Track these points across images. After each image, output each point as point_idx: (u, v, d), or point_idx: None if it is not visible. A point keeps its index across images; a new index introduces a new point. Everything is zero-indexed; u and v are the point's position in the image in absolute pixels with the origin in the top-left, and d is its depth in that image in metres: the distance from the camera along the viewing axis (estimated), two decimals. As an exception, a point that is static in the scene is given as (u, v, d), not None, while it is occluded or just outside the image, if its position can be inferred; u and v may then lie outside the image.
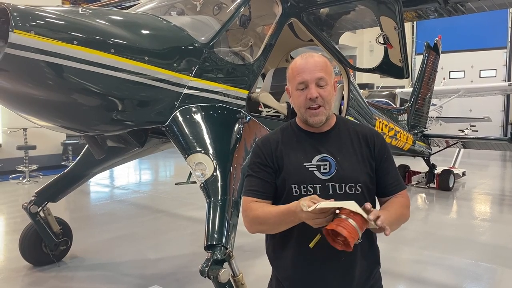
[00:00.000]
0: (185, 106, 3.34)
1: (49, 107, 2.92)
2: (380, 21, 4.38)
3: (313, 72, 1.74)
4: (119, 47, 2.94)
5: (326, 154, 1.76)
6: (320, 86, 1.75)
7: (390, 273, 4.50)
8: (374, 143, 1.83)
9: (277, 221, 1.68)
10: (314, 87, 1.74)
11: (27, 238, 4.56)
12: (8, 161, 9.78)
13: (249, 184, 1.83)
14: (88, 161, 4.45)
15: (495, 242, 5.74)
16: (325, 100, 1.75)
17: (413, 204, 7.85)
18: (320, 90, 1.75)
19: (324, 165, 1.75)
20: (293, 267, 1.80)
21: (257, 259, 4.63)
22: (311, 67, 1.75)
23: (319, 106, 1.75)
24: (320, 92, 1.74)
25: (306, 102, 1.75)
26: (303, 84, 1.75)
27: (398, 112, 8.27)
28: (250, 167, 1.86)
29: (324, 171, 1.74)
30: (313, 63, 1.76)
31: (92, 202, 8.27)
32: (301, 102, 1.77)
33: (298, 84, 1.76)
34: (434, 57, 9.12)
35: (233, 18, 3.79)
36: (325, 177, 1.74)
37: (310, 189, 1.73)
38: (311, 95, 1.73)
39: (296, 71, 1.78)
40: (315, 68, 1.75)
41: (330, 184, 1.73)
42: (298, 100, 1.78)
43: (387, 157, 1.85)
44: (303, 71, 1.75)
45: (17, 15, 2.55)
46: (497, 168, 13.09)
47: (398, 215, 1.74)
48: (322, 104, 1.75)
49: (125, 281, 4.33)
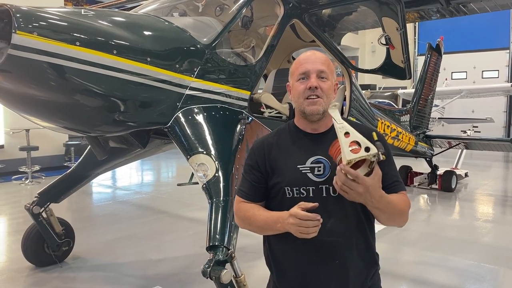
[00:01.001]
0: (187, 107, 3.34)
1: (51, 108, 2.93)
2: (382, 22, 4.38)
3: (315, 64, 1.77)
4: (121, 48, 2.95)
5: (321, 156, 1.74)
6: (321, 78, 1.76)
7: (392, 274, 4.50)
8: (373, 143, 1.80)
9: (264, 226, 1.75)
10: (315, 77, 1.75)
11: (30, 239, 4.57)
12: (10, 162, 9.81)
13: (240, 184, 1.89)
14: (91, 162, 4.46)
15: (497, 243, 5.72)
16: (324, 92, 1.75)
17: (415, 205, 7.84)
18: (321, 82, 1.75)
19: (318, 167, 1.73)
20: (289, 269, 1.80)
21: (259, 260, 4.62)
22: (314, 59, 1.78)
23: (317, 97, 1.75)
24: (320, 83, 1.75)
25: (305, 92, 1.75)
26: (304, 74, 1.76)
27: (400, 113, 8.26)
28: (244, 167, 1.90)
29: (318, 173, 1.72)
30: (316, 57, 1.80)
31: (94, 203, 8.28)
32: (300, 92, 1.76)
33: (300, 74, 1.77)
34: (436, 58, 9.11)
35: (235, 19, 3.80)
36: (318, 179, 1.72)
37: (303, 191, 1.72)
38: (311, 84, 1.73)
39: (299, 63, 1.81)
40: (318, 61, 1.78)
41: (324, 186, 1.72)
42: (298, 90, 1.78)
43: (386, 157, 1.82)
44: (306, 62, 1.78)
45: (19, 16, 2.55)
46: (500, 169, 13.05)
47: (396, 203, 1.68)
48: (321, 95, 1.75)
49: (127, 282, 4.34)
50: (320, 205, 1.63)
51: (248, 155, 1.90)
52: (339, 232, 1.72)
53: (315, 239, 1.68)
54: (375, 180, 1.54)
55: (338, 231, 1.71)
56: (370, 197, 1.54)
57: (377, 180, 1.55)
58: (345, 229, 1.72)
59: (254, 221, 1.77)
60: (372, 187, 1.52)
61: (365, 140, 1.47)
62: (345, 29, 5.66)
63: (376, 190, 1.55)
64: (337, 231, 1.71)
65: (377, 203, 1.57)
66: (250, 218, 1.79)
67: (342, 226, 1.72)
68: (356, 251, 1.76)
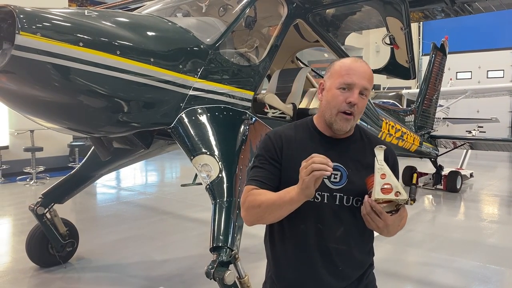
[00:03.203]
0: (190, 107, 3.34)
1: (55, 109, 2.93)
2: (387, 22, 4.37)
3: (362, 79, 1.67)
4: (125, 49, 2.95)
5: (339, 164, 1.69)
6: (362, 95, 1.68)
7: (397, 275, 4.47)
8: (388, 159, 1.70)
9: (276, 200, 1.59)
10: (357, 93, 1.66)
11: (34, 240, 4.57)
12: (15, 162, 9.84)
13: (253, 174, 1.74)
14: (94, 163, 4.46)
15: (503, 244, 5.68)
16: (358, 110, 1.68)
17: (420, 206, 7.80)
18: (360, 100, 1.67)
19: (335, 174, 1.69)
20: (290, 269, 1.79)
21: (262, 261, 4.60)
22: (362, 73, 1.68)
23: (352, 114, 1.67)
24: (359, 101, 1.67)
25: (343, 105, 1.66)
26: (348, 85, 1.66)
27: (405, 113, 8.22)
28: (257, 158, 1.77)
29: (334, 181, 1.69)
30: (364, 71, 1.70)
31: (98, 203, 8.30)
32: (338, 103, 1.67)
33: (344, 83, 1.67)
34: (441, 57, 9.06)
35: (239, 20, 3.79)
36: (334, 187, 1.69)
37: (318, 196, 1.67)
38: (353, 99, 1.65)
39: (345, 70, 1.69)
40: (365, 75, 1.69)
41: (338, 194, 1.69)
42: (336, 99, 1.67)
43: (396, 171, 1.78)
44: (354, 73, 1.67)
45: (23, 17, 2.56)
46: (505, 170, 12.98)
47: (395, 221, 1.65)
48: (355, 114, 1.68)
49: (131, 282, 4.34)
50: (333, 213, 1.64)
51: (264, 146, 1.77)
52: (349, 242, 1.71)
53: (324, 245, 1.69)
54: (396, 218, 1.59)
55: (348, 240, 1.71)
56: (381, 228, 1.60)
57: (398, 218, 1.60)
58: (354, 239, 1.72)
59: (262, 201, 1.62)
60: (392, 226, 1.59)
61: (399, 186, 1.56)
62: (349, 29, 5.64)
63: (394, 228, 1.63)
64: (346, 240, 1.71)
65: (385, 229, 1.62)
66: (258, 200, 1.64)
67: (352, 235, 1.72)
68: (360, 258, 1.77)
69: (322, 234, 1.70)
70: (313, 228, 1.70)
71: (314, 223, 1.70)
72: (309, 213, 1.68)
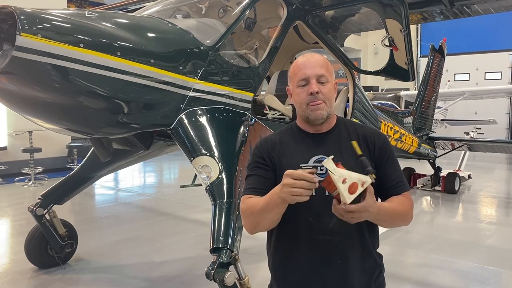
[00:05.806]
0: (190, 108, 3.34)
1: (55, 110, 2.94)
2: (386, 24, 4.38)
3: (314, 68, 1.77)
4: (125, 50, 2.96)
5: (323, 156, 1.71)
6: (321, 82, 1.76)
7: (395, 276, 4.48)
8: (374, 144, 1.80)
9: (264, 205, 1.64)
10: (315, 82, 1.75)
11: (33, 241, 4.57)
12: (13, 163, 9.81)
13: (246, 184, 1.82)
14: (94, 164, 4.46)
15: (501, 246, 5.69)
16: (325, 96, 1.76)
17: (419, 207, 7.82)
18: (321, 87, 1.76)
19: (320, 166, 1.70)
20: (291, 270, 1.79)
21: (262, 262, 4.60)
22: (313, 64, 1.78)
23: (320, 102, 1.75)
24: (320, 88, 1.75)
25: (307, 98, 1.76)
26: (304, 80, 1.76)
27: (403, 115, 8.23)
28: (248, 167, 1.86)
29: (320, 172, 1.68)
30: (314, 61, 1.79)
31: (97, 204, 8.29)
32: (302, 99, 1.77)
33: (300, 80, 1.77)
34: (439, 59, 9.09)
35: (239, 21, 3.80)
36: (321, 178, 1.68)
37: None
38: (312, 89, 1.74)
39: (297, 68, 1.80)
40: (317, 65, 1.78)
41: None
42: (299, 97, 1.78)
43: (389, 157, 1.81)
44: (305, 67, 1.78)
45: (24, 18, 2.56)
46: (503, 171, 13.00)
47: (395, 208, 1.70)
48: (323, 100, 1.76)
49: (130, 283, 4.33)
50: (323, 205, 1.63)
51: (253, 153, 1.88)
52: (341, 232, 1.72)
53: (317, 238, 1.70)
54: (370, 199, 1.52)
55: (340, 230, 1.71)
56: (369, 216, 1.55)
57: (370, 197, 1.53)
58: (346, 229, 1.71)
59: (253, 207, 1.68)
60: (369, 206, 1.52)
61: (360, 177, 1.50)
62: (348, 30, 5.66)
63: (373, 207, 1.54)
64: (339, 230, 1.71)
65: (377, 216, 1.58)
66: (250, 207, 1.70)
67: (344, 225, 1.69)
68: (357, 250, 1.76)
69: (314, 227, 1.72)
70: (306, 223, 1.73)
71: (306, 217, 1.72)
72: (300, 208, 1.66)
